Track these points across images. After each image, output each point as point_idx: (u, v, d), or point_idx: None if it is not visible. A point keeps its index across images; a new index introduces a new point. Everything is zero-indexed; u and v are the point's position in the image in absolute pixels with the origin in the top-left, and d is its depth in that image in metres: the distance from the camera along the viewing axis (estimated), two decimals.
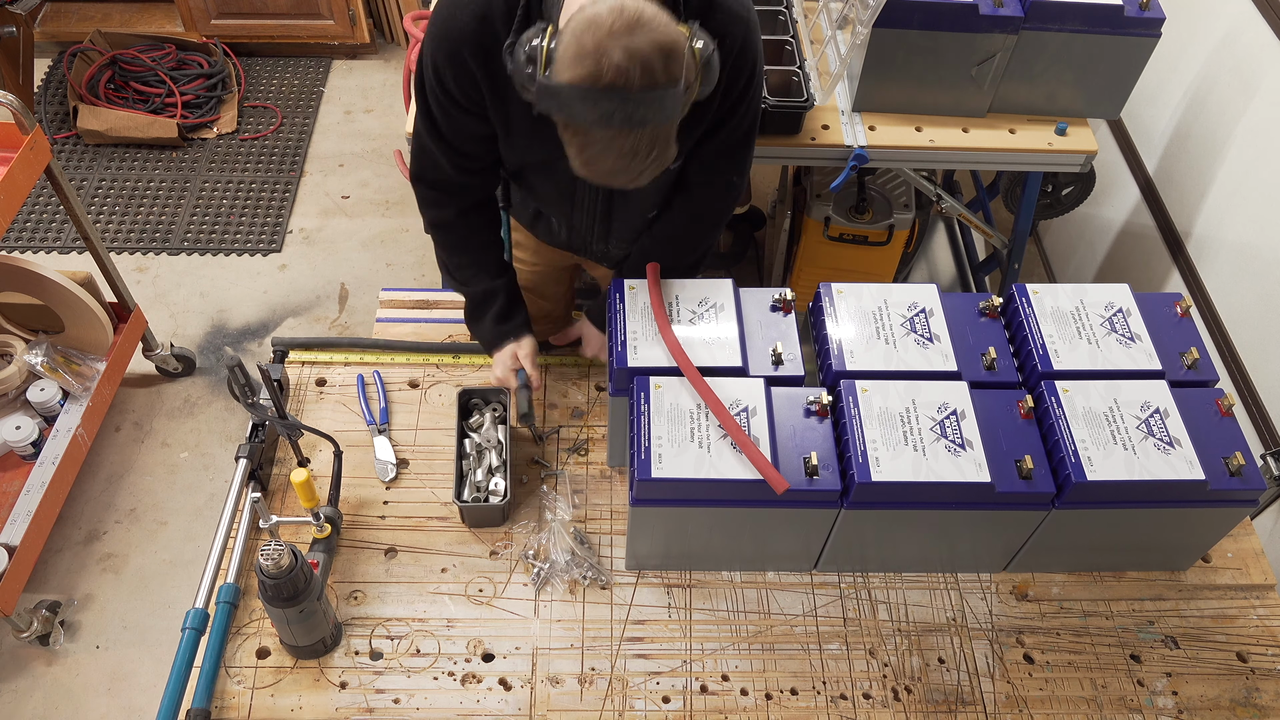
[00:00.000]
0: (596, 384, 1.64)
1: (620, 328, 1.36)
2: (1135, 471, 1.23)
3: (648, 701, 1.31)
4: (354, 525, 1.46)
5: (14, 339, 2.44)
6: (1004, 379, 1.35)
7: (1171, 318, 1.41)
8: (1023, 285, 1.41)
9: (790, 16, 2.24)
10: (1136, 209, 2.62)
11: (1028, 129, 2.17)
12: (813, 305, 1.43)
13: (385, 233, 3.27)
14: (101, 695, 2.25)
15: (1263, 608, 1.44)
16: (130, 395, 2.79)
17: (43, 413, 2.39)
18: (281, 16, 3.62)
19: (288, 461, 1.52)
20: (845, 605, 1.41)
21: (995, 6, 1.98)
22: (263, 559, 1.16)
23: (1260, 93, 2.14)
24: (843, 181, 2.15)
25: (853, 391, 1.29)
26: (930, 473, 1.22)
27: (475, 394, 1.55)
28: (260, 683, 1.30)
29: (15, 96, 2.06)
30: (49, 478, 2.28)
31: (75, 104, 3.38)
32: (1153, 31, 2.02)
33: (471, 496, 1.45)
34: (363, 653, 1.33)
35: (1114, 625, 1.41)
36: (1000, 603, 1.42)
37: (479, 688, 1.31)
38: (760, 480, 1.20)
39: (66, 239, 3.18)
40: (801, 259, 2.64)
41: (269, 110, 3.61)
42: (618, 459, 1.52)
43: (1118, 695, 1.34)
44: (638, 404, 1.27)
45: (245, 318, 3.02)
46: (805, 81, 2.10)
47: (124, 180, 3.36)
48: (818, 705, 1.31)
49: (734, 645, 1.36)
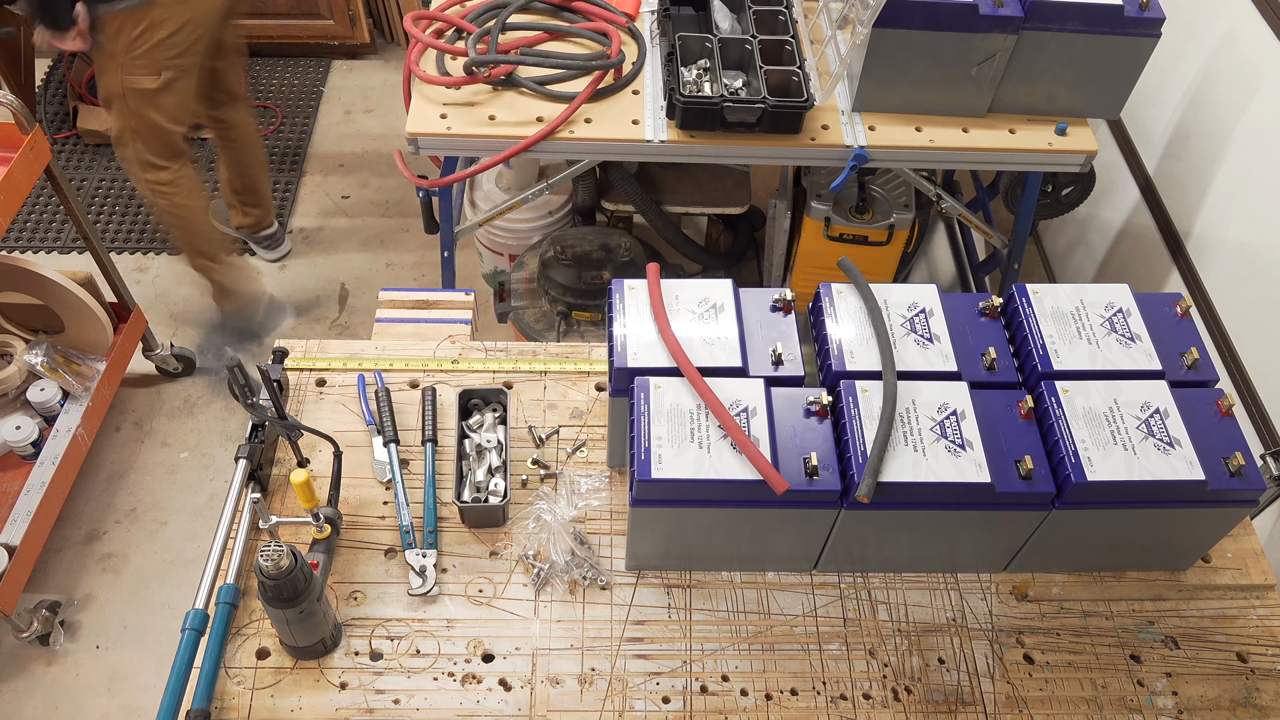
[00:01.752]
0: (596, 384, 1.64)
1: (620, 328, 1.36)
2: (1135, 472, 1.23)
3: (648, 702, 1.31)
4: (354, 525, 1.46)
5: (14, 339, 2.44)
6: (1004, 379, 1.35)
7: (1171, 318, 1.41)
8: (1023, 285, 1.41)
9: (790, 16, 2.24)
10: (1136, 209, 2.62)
11: (1028, 129, 2.17)
12: (813, 305, 1.43)
13: (385, 233, 3.27)
14: (101, 695, 2.25)
15: (1263, 608, 1.44)
16: (130, 395, 2.79)
17: (43, 413, 2.39)
18: (281, 16, 3.62)
19: (287, 462, 1.52)
20: (845, 605, 1.41)
21: (995, 6, 1.98)
22: (262, 560, 1.16)
23: (1260, 93, 2.14)
24: (843, 181, 2.15)
25: (853, 392, 1.29)
26: (930, 473, 1.22)
27: (475, 394, 1.55)
28: (260, 683, 1.30)
29: (15, 96, 2.07)
30: (49, 478, 2.28)
31: (75, 104, 3.38)
32: (1153, 31, 2.02)
33: (471, 496, 1.45)
34: (363, 653, 1.33)
35: (1114, 625, 1.41)
36: (1000, 603, 1.42)
37: (479, 688, 1.31)
38: (760, 480, 1.20)
39: (66, 239, 3.19)
40: (801, 259, 2.64)
41: (269, 110, 3.62)
42: (618, 459, 1.52)
43: (1118, 695, 1.34)
44: (638, 404, 1.27)
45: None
46: (805, 81, 2.10)
47: (124, 180, 3.36)
48: (818, 705, 1.31)
49: (734, 645, 1.36)
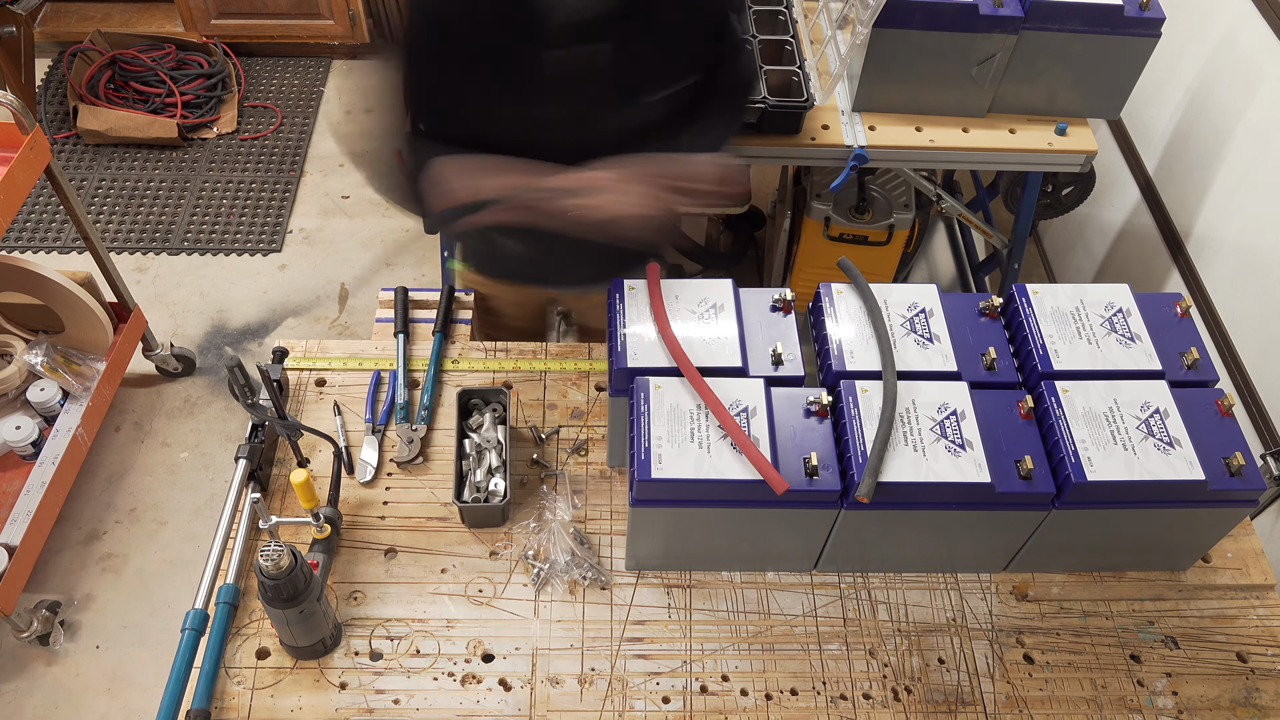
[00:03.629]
0: (596, 384, 1.64)
1: (620, 328, 1.36)
2: (1135, 472, 1.23)
3: (648, 702, 1.31)
4: (354, 525, 1.46)
5: (14, 339, 2.44)
6: (1004, 379, 1.35)
7: (1171, 318, 1.41)
8: (1023, 285, 1.41)
9: (790, 16, 2.24)
10: (1136, 209, 2.62)
11: (1028, 129, 2.17)
12: (813, 305, 1.43)
13: (385, 233, 3.27)
14: (101, 695, 2.25)
15: (1263, 608, 1.44)
16: (130, 395, 2.79)
17: (43, 413, 2.39)
18: (281, 16, 3.62)
19: (288, 462, 1.52)
20: (845, 605, 1.41)
21: (995, 6, 1.98)
22: (262, 560, 1.16)
23: (1260, 93, 2.14)
24: (843, 181, 2.15)
25: (853, 392, 1.29)
26: (930, 473, 1.22)
27: (475, 394, 1.55)
28: (260, 683, 1.30)
29: (16, 96, 2.06)
30: (49, 478, 2.28)
31: (75, 104, 3.38)
32: (1153, 31, 2.02)
33: (471, 497, 1.45)
34: (363, 653, 1.33)
35: (1114, 625, 1.41)
36: (1000, 603, 1.42)
37: (479, 688, 1.31)
38: (760, 480, 1.20)
39: (66, 239, 3.19)
40: (801, 259, 2.64)
41: (269, 110, 3.62)
42: (618, 459, 1.52)
43: (1118, 695, 1.34)
44: (638, 404, 1.27)
45: (245, 318, 3.02)
46: (805, 81, 2.10)
47: (124, 180, 3.36)
48: (818, 705, 1.31)
49: (734, 645, 1.36)
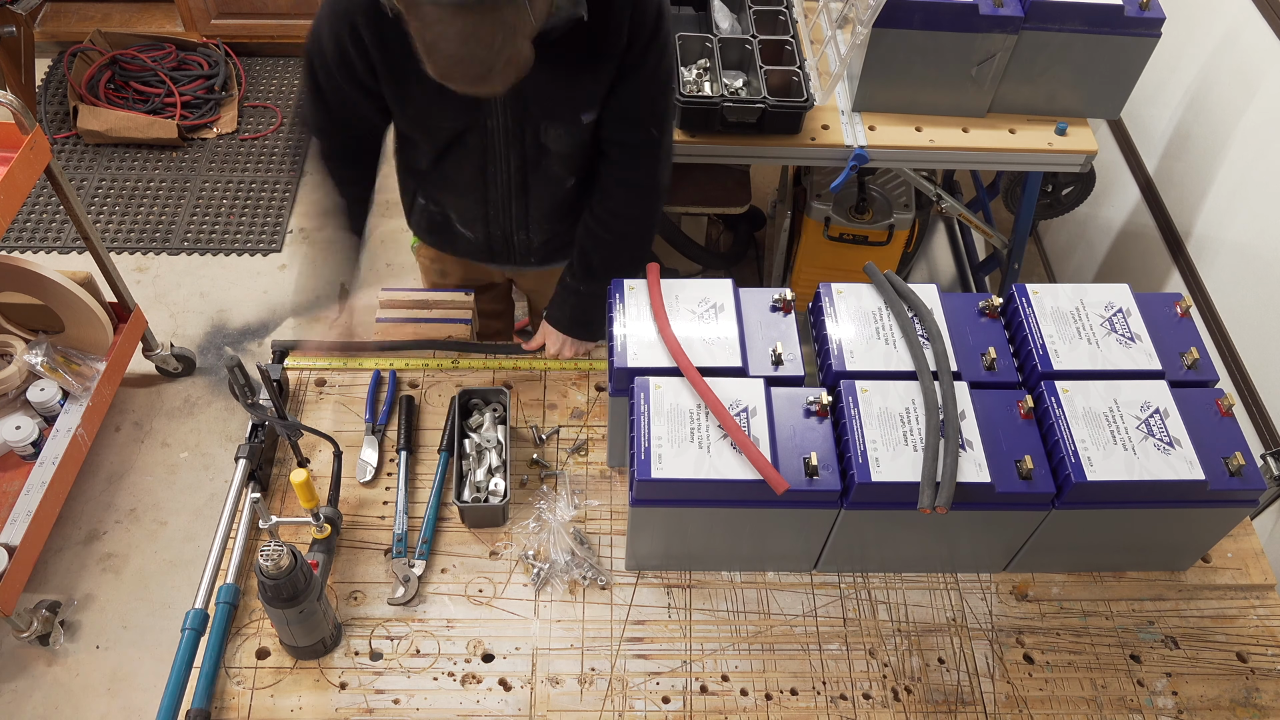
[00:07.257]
0: (596, 384, 1.64)
1: (620, 328, 1.36)
2: (1135, 472, 1.23)
3: (647, 702, 1.31)
4: (354, 525, 1.46)
5: (14, 339, 2.44)
6: (1004, 379, 1.35)
7: (1171, 318, 1.41)
8: (1023, 285, 1.41)
9: (790, 16, 2.24)
10: (1136, 209, 2.62)
11: (1028, 129, 2.17)
12: (813, 305, 1.43)
13: (385, 233, 3.26)
14: (101, 695, 2.25)
15: (1263, 608, 1.44)
16: (130, 395, 2.79)
17: (43, 413, 2.39)
18: (281, 16, 3.61)
19: (288, 462, 1.52)
20: (845, 605, 1.41)
21: (995, 6, 1.98)
22: (262, 559, 1.16)
23: (1260, 93, 2.14)
24: (843, 181, 2.15)
25: (853, 392, 1.29)
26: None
27: (475, 394, 1.55)
28: (260, 683, 1.30)
29: (15, 96, 2.06)
30: (49, 478, 2.28)
31: (75, 104, 3.38)
32: (1153, 31, 2.02)
33: (471, 497, 1.45)
34: (362, 653, 1.33)
35: (1114, 625, 1.41)
36: (1000, 603, 1.42)
37: (479, 688, 1.31)
38: (760, 480, 1.20)
39: (66, 239, 3.18)
40: (801, 259, 2.64)
41: (269, 110, 3.61)
42: (618, 459, 1.52)
43: (1118, 695, 1.34)
44: (637, 404, 1.27)
45: (245, 318, 3.02)
46: (805, 81, 2.10)
47: (124, 180, 3.36)
48: (818, 705, 1.31)
49: (734, 645, 1.36)
